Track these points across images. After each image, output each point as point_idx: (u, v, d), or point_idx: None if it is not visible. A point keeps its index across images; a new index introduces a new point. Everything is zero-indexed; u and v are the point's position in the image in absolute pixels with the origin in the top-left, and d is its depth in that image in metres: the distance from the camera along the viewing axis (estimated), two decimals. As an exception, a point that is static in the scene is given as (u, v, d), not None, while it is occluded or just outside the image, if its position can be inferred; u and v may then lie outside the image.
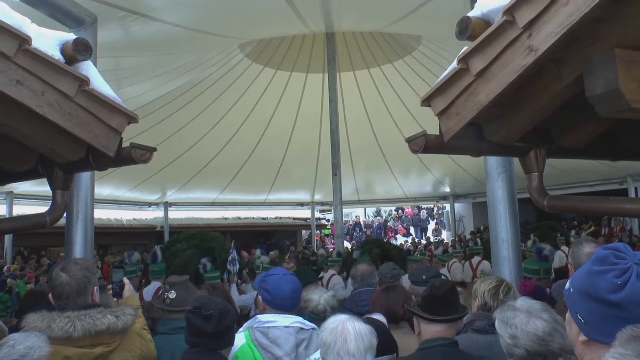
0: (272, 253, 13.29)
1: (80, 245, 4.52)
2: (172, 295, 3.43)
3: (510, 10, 2.14)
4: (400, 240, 21.97)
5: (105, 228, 16.80)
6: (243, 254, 11.36)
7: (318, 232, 22.42)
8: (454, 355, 2.40)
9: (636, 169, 13.60)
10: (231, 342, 2.59)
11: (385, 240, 15.39)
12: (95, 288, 2.62)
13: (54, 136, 2.69)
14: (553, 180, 14.20)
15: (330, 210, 21.04)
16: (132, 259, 8.05)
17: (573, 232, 14.24)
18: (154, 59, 9.42)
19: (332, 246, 17.23)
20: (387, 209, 26.73)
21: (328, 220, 23.77)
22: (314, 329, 2.79)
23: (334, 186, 10.69)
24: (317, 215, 21.12)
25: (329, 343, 2.12)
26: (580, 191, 15.30)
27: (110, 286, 3.15)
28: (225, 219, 19.69)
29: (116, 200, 16.62)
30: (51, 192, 3.14)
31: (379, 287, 4.04)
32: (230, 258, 7.30)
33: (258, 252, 10.10)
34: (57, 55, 2.52)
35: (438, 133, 2.68)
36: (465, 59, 2.40)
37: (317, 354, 2.40)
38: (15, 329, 3.07)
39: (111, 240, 17.99)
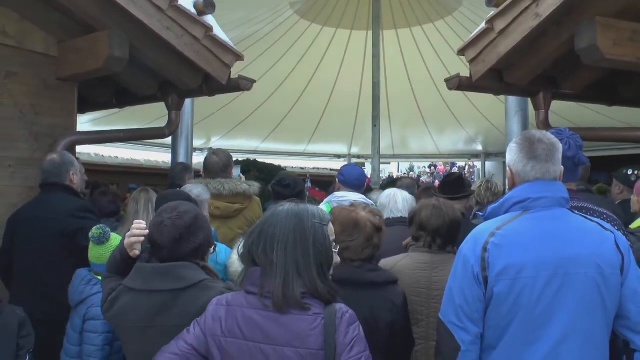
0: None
1: (183, 154, 5.73)
2: None
3: (524, -14, 3.00)
4: (431, 195, 22.54)
5: (154, 169, 18.05)
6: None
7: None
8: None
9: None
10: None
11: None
12: (233, 168, 3.69)
13: (184, 67, 3.67)
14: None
15: (364, 165, 21.87)
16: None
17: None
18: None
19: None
20: (419, 165, 27.45)
21: (362, 173, 24.66)
22: (372, 204, 3.74)
23: (372, 136, 11.54)
24: (352, 168, 21.94)
25: (384, 203, 3.15)
26: (610, 153, 15.73)
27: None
28: (266, 167, 20.67)
29: (163, 144, 17.72)
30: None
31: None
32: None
33: None
34: (191, 9, 3.46)
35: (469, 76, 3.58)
36: (490, 21, 3.27)
37: None
38: None
39: (158, 180, 19.27)
